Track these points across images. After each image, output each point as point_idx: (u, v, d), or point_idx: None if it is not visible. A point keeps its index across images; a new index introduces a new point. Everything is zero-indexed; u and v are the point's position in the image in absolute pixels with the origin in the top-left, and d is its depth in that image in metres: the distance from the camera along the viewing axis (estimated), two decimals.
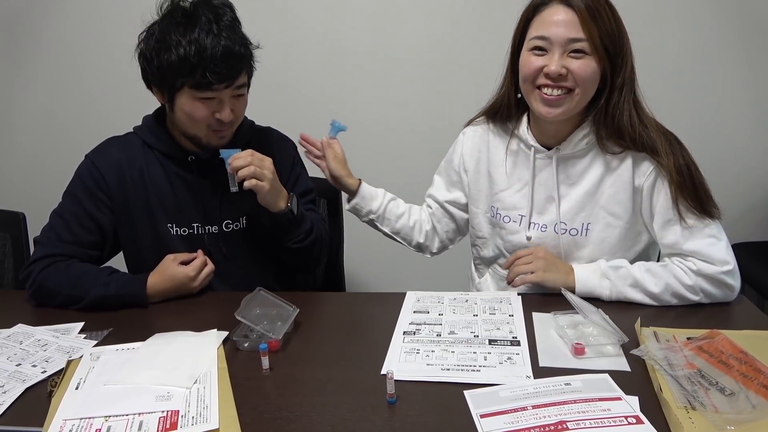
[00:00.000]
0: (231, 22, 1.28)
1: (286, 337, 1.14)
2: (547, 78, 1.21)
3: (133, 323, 1.26)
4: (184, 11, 1.26)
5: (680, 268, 1.23)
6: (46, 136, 2.28)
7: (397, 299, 1.31)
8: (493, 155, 1.41)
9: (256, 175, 1.28)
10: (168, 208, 1.41)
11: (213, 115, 1.30)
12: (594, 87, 1.22)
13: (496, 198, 1.40)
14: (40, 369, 1.08)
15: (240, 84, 1.31)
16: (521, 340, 1.12)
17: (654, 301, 1.23)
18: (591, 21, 1.16)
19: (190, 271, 1.34)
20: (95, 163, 1.39)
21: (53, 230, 1.38)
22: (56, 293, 1.32)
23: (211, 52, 1.22)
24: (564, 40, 1.18)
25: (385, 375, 0.99)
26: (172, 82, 1.27)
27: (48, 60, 2.21)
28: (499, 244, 1.42)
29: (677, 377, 0.95)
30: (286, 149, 1.54)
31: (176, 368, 1.04)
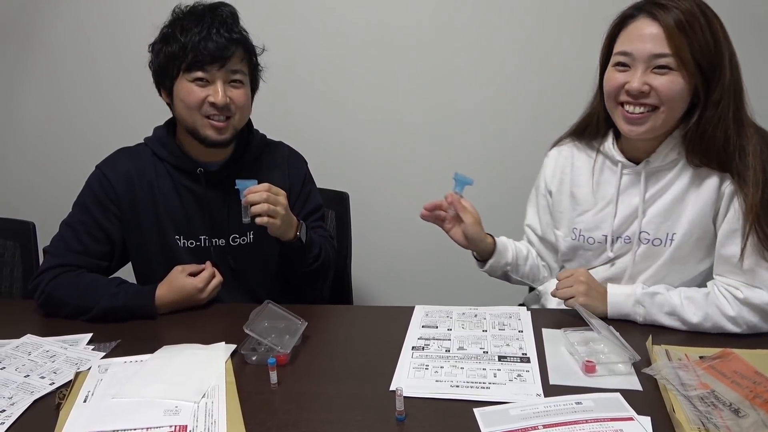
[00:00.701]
0: (230, 15, 1.33)
1: (294, 350, 1.13)
2: (628, 95, 1.17)
3: (141, 335, 1.26)
4: (184, 11, 1.34)
5: (723, 297, 1.17)
6: (57, 146, 2.29)
7: (406, 313, 1.31)
8: (577, 175, 1.37)
9: (270, 212, 1.29)
10: (176, 220, 1.41)
11: (206, 100, 1.31)
12: (682, 104, 1.16)
13: (579, 220, 1.35)
14: (48, 381, 1.08)
15: (234, 68, 1.33)
16: (531, 357, 1.11)
17: (690, 329, 1.18)
18: (679, 35, 1.10)
19: (198, 283, 1.34)
20: (105, 174, 1.40)
21: (63, 240, 1.39)
22: (65, 303, 1.32)
23: (202, 37, 1.28)
24: (647, 56, 1.13)
25: (393, 391, 0.98)
26: (170, 71, 1.32)
27: (59, 69, 2.22)
28: (582, 264, 1.37)
29: (690, 397, 0.94)
30: (297, 166, 1.54)
31: (184, 382, 1.03)
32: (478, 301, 1.47)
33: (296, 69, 2.09)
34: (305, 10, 2.06)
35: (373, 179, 2.19)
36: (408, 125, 2.14)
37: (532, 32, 2.01)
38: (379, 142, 2.16)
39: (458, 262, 2.24)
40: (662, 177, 1.25)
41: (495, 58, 2.05)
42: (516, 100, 2.08)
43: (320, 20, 2.07)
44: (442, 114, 2.12)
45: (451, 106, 2.11)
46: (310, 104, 2.15)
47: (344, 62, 2.10)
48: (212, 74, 1.31)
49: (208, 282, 1.35)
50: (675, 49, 1.11)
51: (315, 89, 2.13)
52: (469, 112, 2.10)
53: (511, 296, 2.20)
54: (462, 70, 2.06)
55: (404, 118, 2.13)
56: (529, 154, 2.09)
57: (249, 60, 1.38)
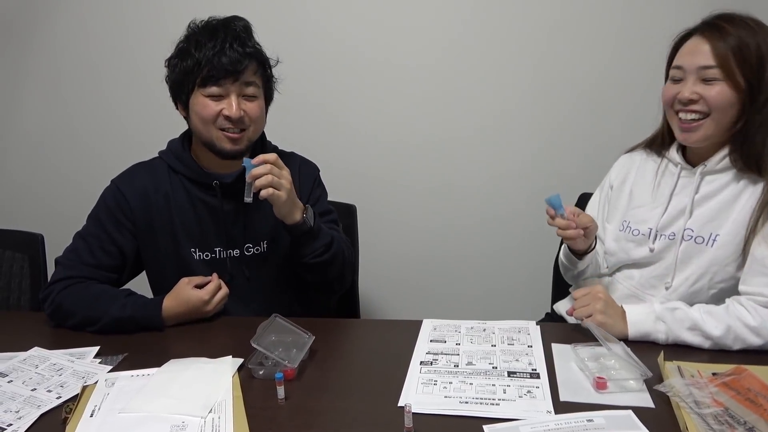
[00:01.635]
0: (243, 29, 1.35)
1: (301, 365, 1.13)
2: (680, 103, 1.26)
3: (149, 348, 1.26)
4: (199, 26, 1.36)
5: (744, 308, 1.18)
6: (65, 158, 2.30)
7: (414, 327, 1.30)
8: (640, 176, 1.44)
9: (273, 184, 1.27)
10: (191, 233, 1.42)
11: (221, 113, 1.33)
12: (731, 111, 1.23)
13: (631, 213, 1.41)
14: (55, 394, 1.08)
15: (248, 81, 1.34)
16: (541, 373, 1.09)
17: (714, 346, 1.17)
18: (725, 49, 1.20)
19: (204, 295, 1.34)
20: (120, 189, 1.41)
21: (75, 252, 1.40)
22: (73, 313, 1.33)
23: (215, 51, 1.30)
24: (695, 68, 1.24)
25: (402, 407, 0.97)
26: (186, 86, 1.34)
27: (68, 77, 2.22)
28: (623, 258, 1.41)
29: (704, 415, 0.92)
30: (308, 170, 1.55)
31: (191, 396, 1.03)
32: (486, 313, 1.47)
33: (305, 82, 2.10)
34: (316, 24, 2.07)
35: (381, 192, 2.19)
36: (416, 138, 2.14)
37: (538, 48, 2.01)
38: (386, 154, 2.16)
39: (466, 273, 2.25)
40: (716, 180, 1.30)
41: (502, 72, 2.05)
42: (523, 112, 2.07)
43: (330, 35, 2.08)
44: (449, 126, 2.12)
45: (458, 119, 2.10)
46: (318, 116, 2.15)
47: (353, 76, 2.10)
48: (226, 88, 1.32)
49: (213, 294, 1.35)
50: (720, 61, 1.21)
51: (323, 102, 2.13)
52: (476, 124, 2.10)
53: (519, 308, 2.19)
54: (469, 83, 2.07)
55: (412, 130, 2.13)
56: (537, 164, 2.11)
57: (263, 72, 1.39)
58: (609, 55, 1.98)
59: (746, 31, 1.21)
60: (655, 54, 1.41)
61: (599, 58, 1.99)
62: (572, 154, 2.07)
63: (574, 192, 1.71)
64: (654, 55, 1.43)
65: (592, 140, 2.05)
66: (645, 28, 1.92)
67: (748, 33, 1.21)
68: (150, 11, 2.08)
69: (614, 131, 2.01)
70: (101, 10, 2.15)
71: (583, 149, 2.06)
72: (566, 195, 1.67)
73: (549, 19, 1.98)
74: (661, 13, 1.90)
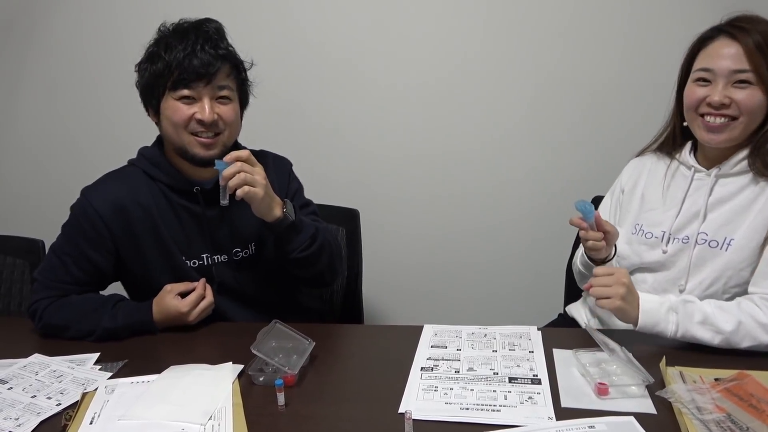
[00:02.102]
0: (215, 32, 1.32)
1: (301, 371, 1.12)
2: (710, 107, 1.25)
3: (149, 354, 1.26)
4: (170, 29, 1.33)
5: (756, 305, 1.18)
6: (67, 163, 2.30)
7: (415, 333, 1.29)
8: (651, 179, 1.44)
9: (247, 181, 1.24)
10: (178, 241, 1.39)
11: (194, 117, 1.29)
12: (761, 115, 1.23)
13: (644, 216, 1.41)
14: (55, 401, 1.08)
15: (221, 84, 1.31)
16: (542, 379, 1.09)
17: (723, 342, 1.16)
18: (757, 53, 1.20)
19: (182, 308, 1.31)
20: (92, 203, 1.35)
21: (52, 271, 1.37)
22: (65, 328, 1.32)
23: (186, 54, 1.27)
24: (727, 72, 1.22)
25: (402, 414, 0.97)
26: (156, 90, 1.31)
27: (67, 80, 2.23)
28: (635, 261, 1.40)
29: (706, 421, 0.92)
30: (281, 165, 1.53)
31: (191, 403, 1.02)
32: (492, 318, 1.46)
33: (308, 88, 2.10)
34: (319, 29, 2.07)
35: (384, 197, 2.19)
36: (419, 143, 2.13)
37: (543, 51, 2.01)
38: (389, 159, 2.16)
39: (469, 278, 2.24)
40: (731, 184, 1.29)
41: (506, 76, 2.04)
42: (528, 116, 2.07)
43: (333, 40, 2.08)
44: (453, 131, 2.11)
45: (462, 124, 2.10)
46: (320, 122, 2.15)
47: (356, 81, 2.10)
48: (198, 91, 1.29)
49: (194, 305, 1.32)
50: (754, 66, 1.20)
51: (326, 108, 2.13)
52: (481, 129, 2.09)
53: (521, 312, 2.19)
54: (473, 87, 2.06)
55: (415, 136, 2.13)
56: (542, 168, 2.10)
57: (236, 75, 1.36)
58: (616, 58, 1.96)
59: (766, 27, 1.21)
60: (662, 57, 1.40)
61: (606, 61, 1.97)
62: (577, 159, 2.06)
63: (581, 195, 1.67)
64: (662, 59, 1.42)
65: (598, 144, 2.03)
66: (653, 32, 1.91)
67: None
68: (150, 12, 2.07)
69: (621, 135, 1.99)
70: (100, 12, 2.15)
71: (589, 153, 2.05)
72: (574, 197, 1.66)
73: (554, 23, 1.98)
74: (669, 17, 1.89)
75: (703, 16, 1.33)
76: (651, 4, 1.91)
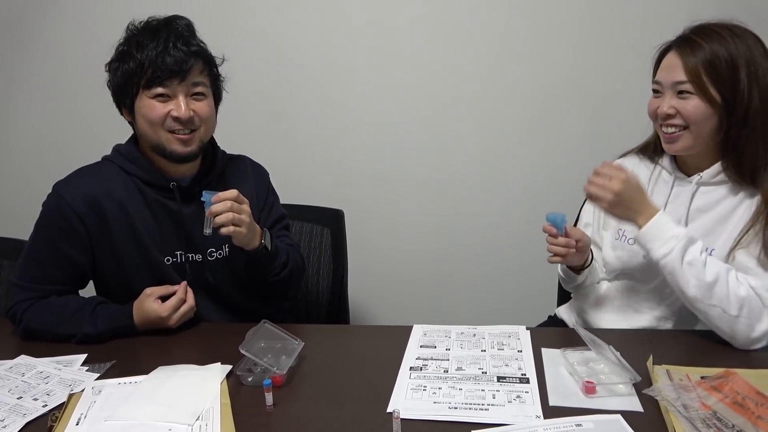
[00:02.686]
0: (186, 28, 1.32)
1: (290, 371, 1.12)
2: (660, 118, 1.29)
3: (137, 355, 1.25)
4: (138, 27, 1.32)
5: (738, 279, 1.19)
6: (49, 163, 2.28)
7: (404, 332, 1.29)
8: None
9: (235, 221, 1.27)
10: (153, 236, 1.37)
11: (169, 114, 1.29)
12: (708, 123, 1.24)
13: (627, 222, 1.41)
14: (41, 403, 1.07)
15: (195, 81, 1.31)
16: (530, 378, 1.09)
17: (693, 295, 1.18)
18: (695, 64, 1.22)
19: (162, 312, 1.29)
20: (65, 198, 1.32)
21: (27, 272, 1.35)
22: (45, 332, 1.31)
23: (158, 51, 1.26)
24: (670, 84, 1.26)
25: (391, 413, 0.97)
26: (130, 89, 1.30)
27: (57, 83, 2.21)
28: (617, 266, 1.42)
29: (692, 419, 0.92)
30: (262, 177, 1.54)
31: (178, 404, 1.02)
32: (477, 318, 1.47)
33: (290, 89, 2.10)
34: (301, 25, 2.06)
35: (369, 196, 2.19)
36: (405, 141, 2.14)
37: (534, 47, 2.02)
38: (374, 159, 2.16)
39: (458, 281, 2.25)
40: (712, 192, 1.30)
41: (493, 71, 2.04)
42: (518, 113, 2.07)
43: (315, 36, 2.07)
44: (437, 131, 2.12)
45: (448, 122, 2.10)
46: (303, 123, 2.15)
47: (339, 80, 2.10)
48: (173, 89, 1.29)
49: (174, 310, 1.31)
50: (691, 77, 1.22)
51: (308, 108, 2.13)
52: (468, 126, 2.10)
53: (510, 312, 2.20)
54: (460, 84, 2.07)
55: (401, 134, 2.13)
56: (532, 166, 2.10)
57: (210, 71, 1.36)
58: (611, 56, 1.98)
59: (719, 43, 1.21)
60: (642, 49, 1.39)
61: (601, 59, 1.99)
62: (570, 161, 2.07)
63: (574, 196, 1.68)
64: (642, 49, 1.41)
65: (591, 146, 2.04)
66: (644, 30, 1.92)
67: (720, 45, 1.21)
68: (150, 12, 2.06)
69: (612, 138, 1.96)
70: (101, 15, 2.13)
71: (582, 155, 2.04)
72: (565, 196, 1.67)
73: (547, 21, 1.99)
74: (669, 18, 1.87)
75: (691, 14, 1.32)
76: (652, 5, 1.92)
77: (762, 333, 1.17)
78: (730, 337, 1.19)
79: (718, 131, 1.25)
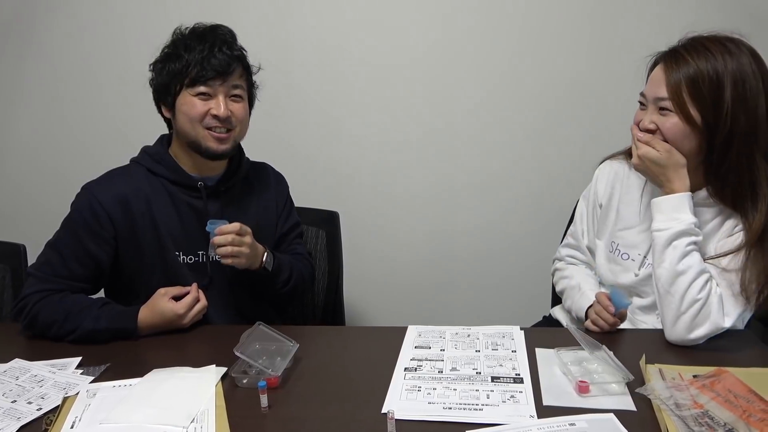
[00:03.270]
0: (229, 34, 1.41)
1: (285, 373, 1.12)
2: (642, 130, 1.27)
3: (131, 357, 1.25)
4: (185, 32, 1.40)
5: (709, 286, 1.20)
6: (47, 167, 2.28)
7: (398, 333, 1.30)
8: (625, 193, 1.42)
9: (234, 253, 1.35)
10: (175, 236, 1.42)
11: (209, 112, 1.36)
12: (687, 143, 1.21)
13: (619, 234, 1.40)
14: (36, 406, 1.06)
15: (234, 84, 1.38)
16: (524, 377, 1.10)
17: (660, 273, 1.21)
18: (679, 83, 1.19)
19: (179, 309, 1.32)
20: (98, 198, 1.38)
21: (48, 265, 1.37)
22: (49, 326, 1.31)
23: (204, 55, 1.35)
24: (653, 98, 1.24)
25: (386, 414, 0.97)
26: (173, 87, 1.37)
27: (52, 87, 2.20)
28: (610, 279, 1.41)
29: (684, 418, 0.93)
30: (282, 187, 1.62)
31: (173, 406, 1.02)
32: (472, 318, 1.47)
33: (285, 89, 2.09)
34: (296, 25, 2.07)
35: (364, 198, 2.19)
36: (400, 143, 2.14)
37: (528, 48, 2.02)
38: (369, 160, 2.16)
39: (452, 280, 2.25)
40: (703, 213, 1.28)
41: (488, 74, 2.05)
42: (512, 114, 2.08)
43: (310, 37, 2.07)
44: (432, 131, 2.12)
45: (443, 122, 2.11)
46: (298, 123, 2.15)
47: (334, 80, 2.10)
48: (215, 89, 1.36)
49: (190, 308, 1.34)
50: (671, 95, 1.20)
51: (304, 107, 2.13)
52: (462, 127, 2.10)
53: (505, 312, 2.20)
54: (454, 86, 2.07)
55: (394, 136, 2.13)
56: (526, 167, 2.11)
57: (247, 77, 1.44)
58: (605, 53, 1.99)
59: (706, 60, 1.17)
60: (644, 53, 1.38)
61: (594, 56, 2.00)
62: (565, 161, 2.08)
63: (568, 197, 1.68)
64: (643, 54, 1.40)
65: (587, 146, 2.03)
66: (638, 28, 1.93)
67: (707, 62, 1.17)
68: (150, 13, 2.07)
69: (610, 137, 1.96)
70: (100, 12, 2.12)
71: (577, 155, 2.05)
72: (559, 196, 1.66)
73: (540, 20, 1.99)
74: (670, 19, 1.90)
75: (683, 16, 1.33)
76: (655, 8, 1.93)
77: (697, 337, 1.19)
78: (669, 328, 1.20)
79: (698, 152, 1.23)
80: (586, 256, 1.51)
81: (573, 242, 1.53)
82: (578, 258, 1.53)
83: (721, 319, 1.19)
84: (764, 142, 1.20)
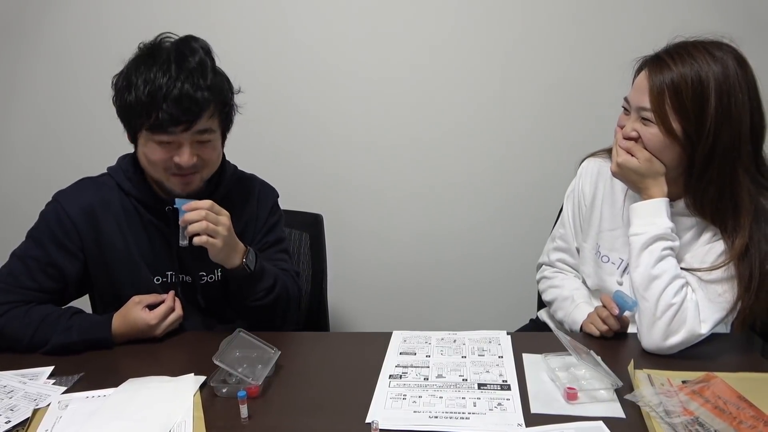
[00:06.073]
0: (198, 65, 1.21)
1: (266, 381, 1.09)
2: (624, 137, 1.23)
3: (106, 366, 1.20)
4: (149, 48, 1.24)
5: (684, 291, 1.18)
6: (28, 175, 2.22)
7: (383, 339, 1.27)
8: (609, 193, 1.39)
9: (209, 231, 1.21)
10: (145, 255, 1.35)
11: (172, 159, 1.23)
12: (668, 153, 1.19)
13: (601, 236, 1.38)
14: (4, 419, 1.02)
15: (202, 129, 1.23)
16: (511, 384, 1.08)
17: (635, 278, 1.20)
18: (660, 94, 1.15)
19: (150, 320, 1.26)
20: (65, 208, 1.31)
21: (13, 276, 1.31)
22: (18, 340, 1.26)
23: (164, 93, 1.17)
24: (635, 107, 1.21)
25: (370, 424, 0.94)
26: (132, 122, 1.24)
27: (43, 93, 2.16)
28: (597, 282, 1.39)
29: (674, 425, 0.91)
30: (267, 196, 1.49)
31: (148, 418, 0.98)
32: (458, 322, 1.44)
33: (269, 93, 2.06)
34: (281, 29, 2.03)
35: (348, 200, 2.16)
36: (385, 145, 2.12)
37: (514, 48, 2.01)
38: (353, 162, 2.13)
39: (438, 283, 2.23)
40: (683, 222, 1.26)
41: (474, 74, 2.03)
42: (498, 116, 2.06)
43: (295, 40, 2.04)
44: (416, 134, 2.10)
45: (428, 125, 2.09)
46: (280, 125, 2.11)
47: (317, 85, 2.07)
48: (177, 137, 1.21)
49: (162, 318, 1.28)
50: (654, 106, 1.17)
51: (286, 110, 2.10)
52: (448, 130, 2.08)
53: (491, 316, 2.19)
54: (440, 87, 2.05)
55: (379, 138, 2.11)
56: (512, 175, 2.10)
57: (221, 110, 1.28)
58: (591, 54, 1.97)
59: (690, 68, 1.14)
60: (637, 53, 1.36)
61: (581, 58, 1.99)
62: (551, 164, 2.06)
63: (554, 199, 1.66)
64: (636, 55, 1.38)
65: (573, 148, 2.00)
66: (626, 29, 1.92)
67: (691, 70, 1.13)
68: (141, 15, 1.99)
69: (596, 137, 1.98)
70: (103, 16, 2.05)
71: (564, 158, 2.01)
72: (545, 199, 1.64)
73: (525, 22, 1.98)
74: (663, 18, 1.88)
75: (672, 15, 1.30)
76: (651, 8, 1.91)
77: (673, 345, 1.16)
78: (645, 335, 1.18)
79: (678, 164, 1.20)
80: (576, 258, 1.49)
81: (563, 245, 1.51)
82: (568, 262, 1.51)
83: (698, 326, 1.16)
84: (747, 157, 1.17)
